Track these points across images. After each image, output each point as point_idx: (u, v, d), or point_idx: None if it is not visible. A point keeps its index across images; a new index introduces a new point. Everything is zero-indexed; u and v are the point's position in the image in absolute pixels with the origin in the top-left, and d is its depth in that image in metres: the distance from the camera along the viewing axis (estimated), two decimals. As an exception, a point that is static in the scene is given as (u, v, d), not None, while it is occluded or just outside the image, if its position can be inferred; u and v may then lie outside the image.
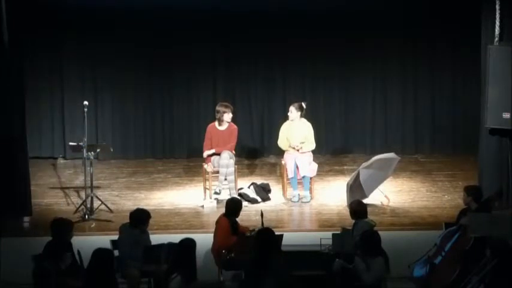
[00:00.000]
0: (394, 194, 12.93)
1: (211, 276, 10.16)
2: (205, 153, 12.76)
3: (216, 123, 12.82)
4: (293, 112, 12.75)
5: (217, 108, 12.89)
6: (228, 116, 12.75)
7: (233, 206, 10.47)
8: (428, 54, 15.44)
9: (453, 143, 15.61)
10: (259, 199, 12.76)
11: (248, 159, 15.39)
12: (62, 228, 9.57)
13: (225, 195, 12.36)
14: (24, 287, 9.86)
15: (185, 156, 15.56)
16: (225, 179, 12.60)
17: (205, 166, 12.82)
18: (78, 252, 9.54)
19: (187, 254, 8.51)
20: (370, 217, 10.38)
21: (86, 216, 11.86)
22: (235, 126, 12.92)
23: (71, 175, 14.56)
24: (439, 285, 9.22)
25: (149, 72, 15.54)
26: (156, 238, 10.26)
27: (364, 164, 12.43)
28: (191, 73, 15.57)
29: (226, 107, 12.82)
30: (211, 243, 10.32)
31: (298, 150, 12.66)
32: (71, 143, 12.74)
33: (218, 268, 10.23)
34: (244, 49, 15.39)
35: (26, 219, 11.98)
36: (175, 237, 10.07)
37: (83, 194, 12.51)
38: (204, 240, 10.40)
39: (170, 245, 9.56)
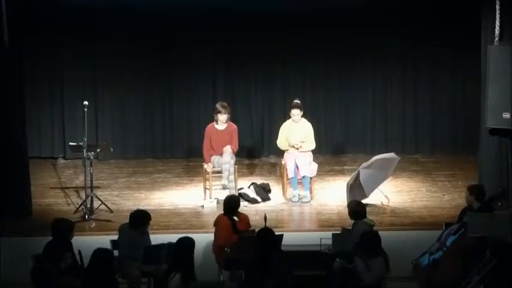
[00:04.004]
0: (394, 194, 12.93)
1: (211, 276, 10.15)
2: (206, 154, 12.75)
3: (215, 122, 12.83)
4: (297, 113, 12.72)
5: (216, 106, 12.90)
6: (222, 117, 12.72)
7: (231, 202, 10.45)
8: (428, 54, 15.43)
9: (453, 143, 15.61)
10: (259, 199, 12.76)
11: (248, 159, 15.39)
12: (62, 228, 9.57)
13: (224, 195, 12.33)
14: (24, 287, 9.84)
15: (185, 156, 15.56)
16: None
17: (205, 166, 12.81)
18: (79, 252, 9.54)
19: (185, 253, 8.50)
20: (370, 217, 10.39)
21: (86, 216, 11.86)
22: (235, 126, 12.92)
23: (71, 175, 14.56)
24: (441, 281, 9.20)
25: (149, 72, 15.54)
26: (156, 238, 10.26)
27: (364, 164, 12.42)
28: (191, 73, 15.57)
29: (222, 107, 12.79)
30: (212, 243, 10.32)
31: (298, 149, 12.66)
32: (71, 143, 12.73)
33: (218, 268, 10.23)
34: (244, 49, 15.39)
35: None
36: (176, 237, 10.00)
37: (83, 194, 12.51)
38: (204, 240, 10.40)
39: (170, 245, 9.54)
